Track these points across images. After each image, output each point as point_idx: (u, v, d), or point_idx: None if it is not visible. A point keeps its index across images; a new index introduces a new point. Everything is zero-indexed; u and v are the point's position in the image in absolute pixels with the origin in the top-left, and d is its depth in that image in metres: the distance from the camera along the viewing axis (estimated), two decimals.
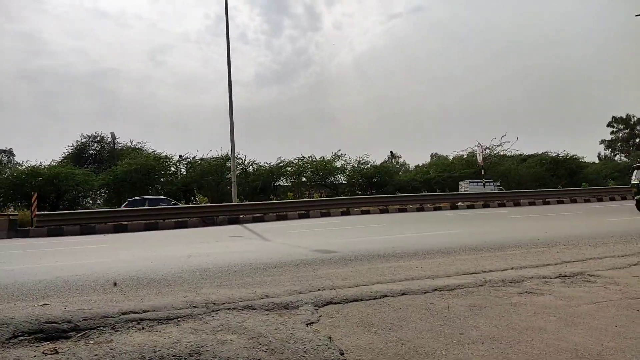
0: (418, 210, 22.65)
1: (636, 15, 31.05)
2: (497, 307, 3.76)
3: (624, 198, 26.93)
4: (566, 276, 4.84)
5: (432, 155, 45.07)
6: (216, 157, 29.32)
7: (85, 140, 32.63)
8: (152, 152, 30.06)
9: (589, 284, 4.46)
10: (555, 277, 4.79)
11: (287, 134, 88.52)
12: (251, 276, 5.53)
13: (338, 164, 31.15)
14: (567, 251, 6.71)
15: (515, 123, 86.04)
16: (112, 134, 31.43)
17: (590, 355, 2.71)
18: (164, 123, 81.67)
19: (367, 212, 21.83)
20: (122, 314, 3.66)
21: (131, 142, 32.32)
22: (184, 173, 29.65)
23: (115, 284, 5.28)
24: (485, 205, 23.79)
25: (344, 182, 31.75)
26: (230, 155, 21.75)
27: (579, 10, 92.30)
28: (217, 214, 19.38)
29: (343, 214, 21.38)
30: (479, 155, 28.96)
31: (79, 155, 31.70)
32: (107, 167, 28.92)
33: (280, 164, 29.96)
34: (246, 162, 30.22)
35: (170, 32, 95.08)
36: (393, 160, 53.96)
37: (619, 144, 62.95)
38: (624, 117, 62.51)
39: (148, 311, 3.74)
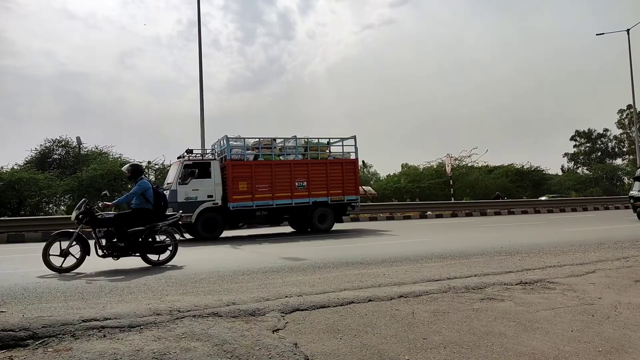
0: (388, 219, 22.90)
1: (597, 35, 32.60)
2: (459, 313, 3.84)
3: (585, 209, 27.98)
4: (526, 283, 5.00)
5: (402, 165, 45.63)
6: None
7: (49, 144, 31.51)
8: (119, 157, 29.33)
9: (548, 291, 4.62)
10: (516, 284, 4.95)
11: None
12: (218, 283, 5.47)
13: None
14: (528, 259, 6.93)
15: (483, 135, 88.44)
16: (78, 138, 30.45)
17: (546, 359, 2.81)
18: (133, 128, 79.88)
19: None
20: (83, 321, 3.56)
21: (97, 147, 31.48)
22: (153, 180, 29.06)
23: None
24: (453, 215, 24.28)
25: None
26: None
27: (544, 26, 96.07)
28: None
29: None
30: (448, 166, 29.58)
31: (42, 159, 30.57)
32: (72, 172, 28.02)
33: None
34: None
35: (140, 35, 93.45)
36: (365, 169, 54.34)
37: (581, 157, 65.43)
38: (586, 131, 65.11)
39: (110, 319, 3.65)
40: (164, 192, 8.29)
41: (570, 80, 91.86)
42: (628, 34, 30.54)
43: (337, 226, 15.58)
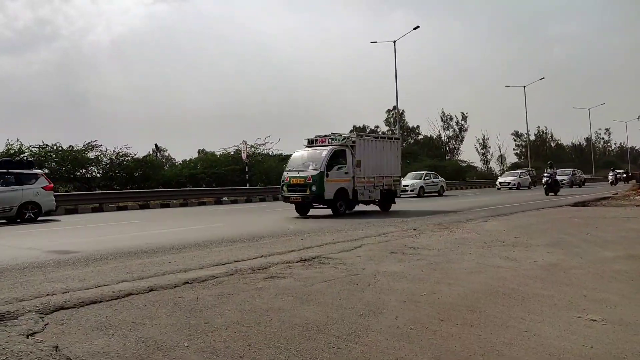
0: (182, 205, 22.12)
1: (371, 42, 37.51)
2: (243, 293, 3.92)
3: None
4: (306, 260, 5.43)
5: (199, 151, 44.58)
6: None
7: None
8: None
9: (323, 265, 5.10)
10: (297, 262, 5.33)
11: (25, 117, 73.99)
12: None
13: (92, 154, 27.77)
14: (310, 238, 7.57)
15: (277, 125, 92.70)
16: None
17: (317, 327, 3.07)
18: None
19: (125, 208, 20.16)
20: None
21: None
22: None
23: None
24: (248, 200, 24.96)
25: (98, 175, 28.50)
26: None
27: (338, 29, 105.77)
28: None
29: (94, 210, 19.19)
30: (243, 153, 30.17)
31: None
32: None
33: (11, 151, 24.85)
34: None
35: None
36: (158, 153, 51.20)
37: None
38: (361, 127, 75.19)
39: None
40: None
41: (352, 79, 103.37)
42: (394, 45, 36.02)
43: None
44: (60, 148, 26.31)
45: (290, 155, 15.68)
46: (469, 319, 3.24)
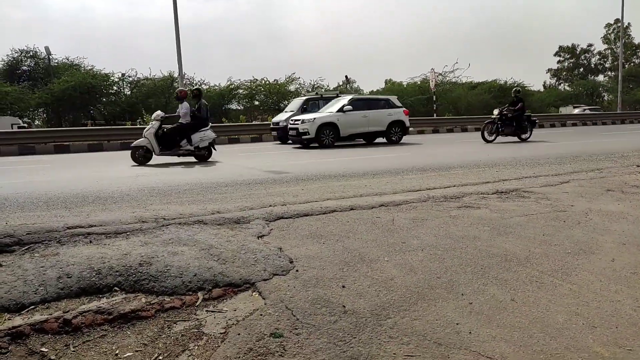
0: None
1: None
2: (437, 220, 3.99)
3: (563, 125, 28.40)
4: (502, 192, 5.17)
5: (386, 81, 44.72)
6: (162, 77, 27.80)
7: (16, 55, 29.67)
8: (91, 69, 27.96)
9: (523, 199, 4.79)
10: (493, 193, 5.11)
11: (237, 55, 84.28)
12: (202, 194, 5.52)
13: (292, 87, 30.44)
14: (505, 170, 7.12)
15: (467, 51, 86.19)
16: (47, 48, 28.78)
17: (517, 260, 2.98)
18: (102, 38, 74.99)
19: None
20: (68, 228, 3.59)
21: (67, 58, 29.86)
22: (129, 93, 28.07)
23: None
24: (435, 131, 24.44)
25: None
26: (178, 75, 20.70)
27: None
28: None
29: None
30: (432, 81, 29.17)
31: (10, 71, 28.97)
32: (44, 84, 26.81)
33: (231, 86, 28.91)
34: (194, 82, 28.95)
35: None
36: (348, 85, 53.20)
37: (564, 73, 64.94)
38: (570, 46, 64.08)
39: (95, 226, 3.69)
40: None
41: None
42: None
43: None
44: (267, 82, 29.52)
45: (482, 83, 14.92)
46: None
